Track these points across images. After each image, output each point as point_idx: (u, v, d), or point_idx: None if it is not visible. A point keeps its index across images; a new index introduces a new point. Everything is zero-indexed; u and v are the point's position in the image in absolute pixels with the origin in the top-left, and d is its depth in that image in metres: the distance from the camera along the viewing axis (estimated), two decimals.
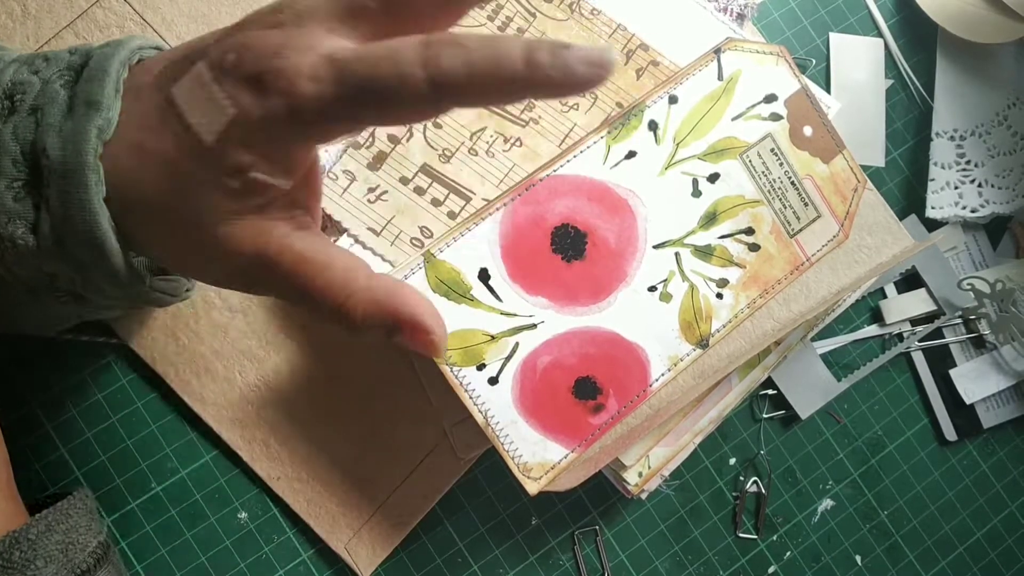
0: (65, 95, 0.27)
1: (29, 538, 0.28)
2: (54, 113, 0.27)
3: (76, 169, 0.26)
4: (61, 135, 0.26)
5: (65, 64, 0.28)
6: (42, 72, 0.28)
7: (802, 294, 0.41)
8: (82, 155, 0.26)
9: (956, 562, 0.46)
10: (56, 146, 0.26)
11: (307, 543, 0.41)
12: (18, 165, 0.27)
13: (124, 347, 0.40)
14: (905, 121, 0.47)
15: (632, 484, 0.40)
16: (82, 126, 0.26)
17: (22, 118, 0.27)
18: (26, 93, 0.27)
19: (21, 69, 0.28)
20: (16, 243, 0.27)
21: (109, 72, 0.27)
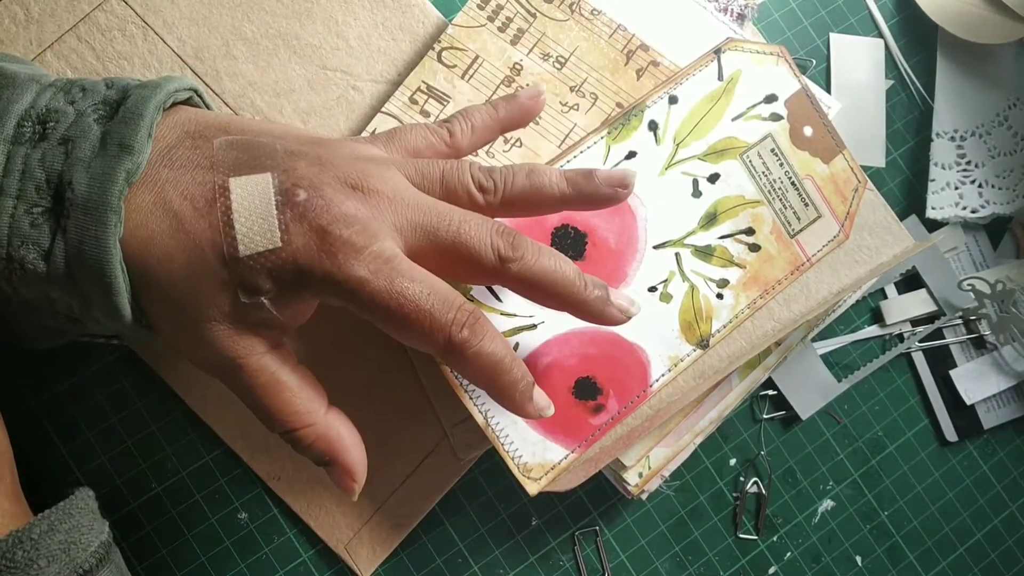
0: (98, 131, 0.28)
1: (32, 537, 0.28)
2: (85, 148, 0.27)
3: (99, 207, 0.27)
4: (89, 172, 0.27)
5: (101, 98, 0.29)
6: (78, 103, 0.29)
7: (802, 294, 0.41)
8: (107, 195, 0.27)
9: (956, 563, 0.46)
10: (83, 182, 0.27)
11: (307, 543, 0.41)
12: (41, 192, 0.27)
13: (124, 347, 0.40)
14: (905, 121, 0.47)
15: (632, 485, 0.40)
16: (112, 167, 0.27)
17: (52, 146, 0.28)
18: (59, 122, 0.28)
19: (57, 96, 0.29)
20: (25, 267, 0.27)
21: (144, 116, 0.28)
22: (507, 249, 0.30)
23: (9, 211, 0.27)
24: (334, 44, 0.41)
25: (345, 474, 0.30)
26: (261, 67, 0.41)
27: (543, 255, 0.31)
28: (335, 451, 0.30)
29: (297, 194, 0.27)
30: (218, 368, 0.29)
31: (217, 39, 0.41)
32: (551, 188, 0.33)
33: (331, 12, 0.41)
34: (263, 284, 0.27)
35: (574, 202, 0.33)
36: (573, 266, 0.32)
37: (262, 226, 0.27)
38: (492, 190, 0.32)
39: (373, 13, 0.42)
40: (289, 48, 0.41)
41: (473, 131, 0.34)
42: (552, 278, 0.31)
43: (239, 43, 0.41)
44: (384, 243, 0.28)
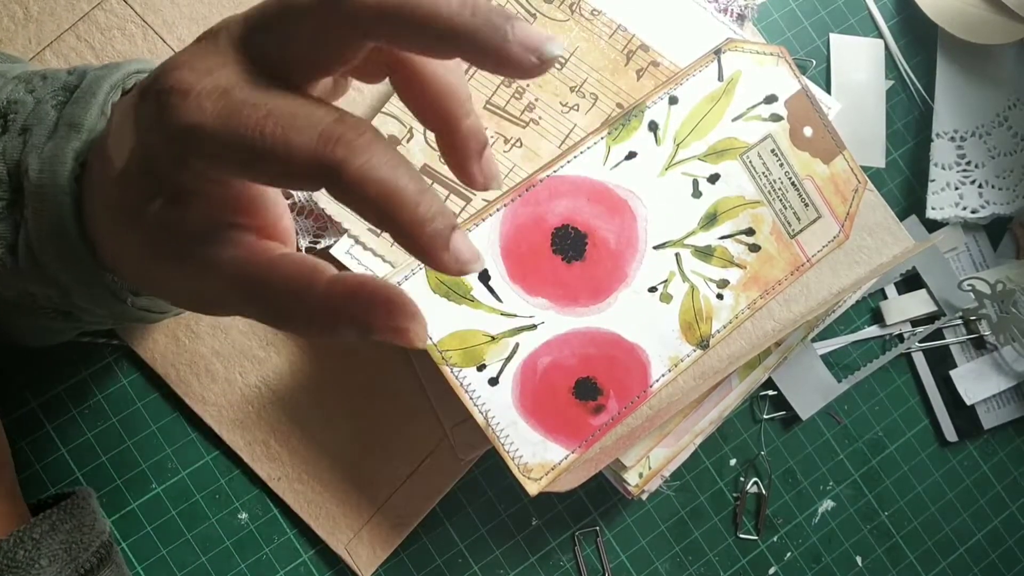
0: (54, 116, 0.27)
1: (33, 537, 0.28)
2: (40, 134, 0.26)
3: (51, 191, 0.25)
4: (41, 157, 0.26)
5: (61, 84, 0.28)
6: (37, 92, 0.28)
7: (802, 295, 0.41)
8: (57, 177, 0.25)
9: (957, 563, 0.46)
10: (35, 167, 0.26)
11: (307, 544, 0.41)
12: (2, 185, 0.26)
13: (125, 348, 0.40)
14: (905, 122, 0.47)
15: (632, 485, 0.40)
16: (61, 148, 0.26)
17: (12, 138, 0.27)
18: (19, 113, 0.27)
19: (18, 87, 0.28)
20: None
21: (97, 94, 0.27)
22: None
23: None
24: None
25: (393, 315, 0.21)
26: None
27: None
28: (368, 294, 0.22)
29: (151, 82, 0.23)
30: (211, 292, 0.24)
31: None
32: None
33: None
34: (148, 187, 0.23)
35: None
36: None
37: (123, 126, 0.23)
38: None
39: None
40: None
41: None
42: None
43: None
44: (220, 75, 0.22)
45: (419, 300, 0.36)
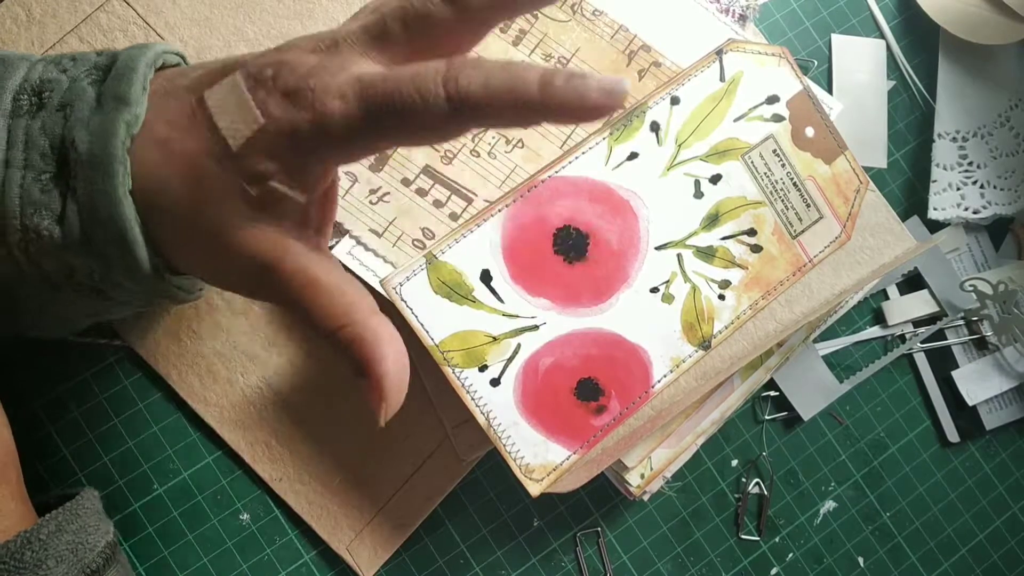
0: (93, 92, 0.28)
1: (40, 538, 0.28)
2: (83, 108, 0.27)
3: (104, 161, 0.26)
4: (89, 129, 0.27)
5: (92, 64, 0.29)
6: (70, 71, 0.29)
7: (804, 295, 0.41)
8: (110, 148, 0.27)
9: (958, 564, 0.46)
10: (85, 139, 0.27)
11: (309, 544, 0.41)
12: (46, 159, 0.27)
13: (126, 348, 0.40)
14: (907, 122, 0.47)
15: (634, 486, 0.40)
16: (111, 120, 0.27)
17: (50, 114, 0.28)
18: (54, 91, 0.28)
19: (49, 67, 0.29)
20: (41, 234, 0.27)
21: (137, 71, 0.28)
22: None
23: (18, 181, 0.27)
24: None
25: (374, 389, 0.27)
26: None
27: None
28: (368, 358, 0.27)
29: (264, 72, 0.26)
30: (253, 281, 0.28)
31: (219, 40, 0.41)
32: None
33: (332, 13, 0.41)
34: (265, 167, 0.26)
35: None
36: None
37: (242, 114, 0.26)
38: None
39: None
40: None
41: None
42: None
43: (241, 44, 0.41)
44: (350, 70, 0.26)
45: (420, 301, 0.36)
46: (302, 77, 0.26)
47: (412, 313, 0.36)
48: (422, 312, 0.36)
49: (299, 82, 0.26)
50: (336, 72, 0.26)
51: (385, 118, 0.26)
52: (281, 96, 0.26)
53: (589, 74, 0.25)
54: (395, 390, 0.28)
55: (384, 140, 0.27)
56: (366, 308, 0.28)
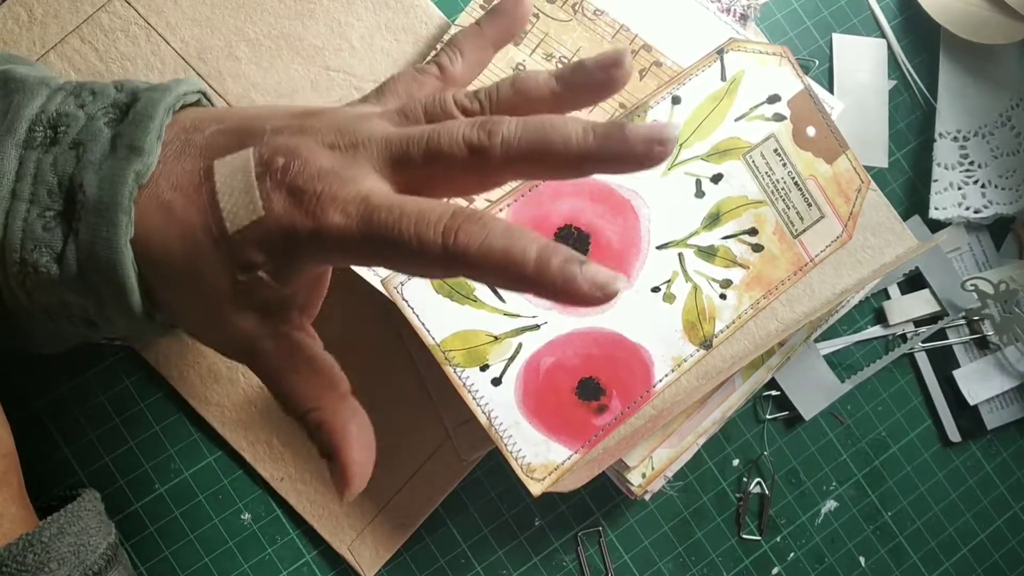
0: (108, 134, 0.28)
1: (42, 541, 0.28)
2: (95, 151, 0.28)
3: (110, 208, 0.27)
4: (99, 174, 0.27)
5: (111, 101, 0.29)
6: (88, 107, 0.29)
7: (805, 295, 0.41)
8: (117, 196, 0.27)
9: (960, 564, 0.46)
10: (93, 183, 0.27)
11: (310, 544, 0.41)
12: (53, 196, 0.27)
13: (127, 348, 0.40)
14: (908, 122, 0.47)
15: (635, 485, 0.40)
16: (121, 168, 0.27)
17: (63, 151, 0.28)
18: (70, 127, 0.28)
19: (68, 100, 0.29)
20: (39, 270, 0.27)
21: (154, 118, 0.28)
22: (479, 134, 0.27)
23: (22, 215, 0.27)
24: (337, 45, 0.41)
25: (340, 473, 0.28)
26: (264, 68, 0.41)
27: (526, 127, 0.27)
28: (336, 444, 0.28)
29: (275, 162, 0.27)
30: (236, 352, 0.29)
31: (220, 40, 0.41)
32: (539, 89, 0.30)
33: (334, 13, 0.41)
34: (256, 258, 0.27)
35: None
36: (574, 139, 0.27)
37: (244, 199, 0.26)
38: (477, 110, 0.30)
39: (376, 14, 0.42)
40: (292, 49, 0.41)
41: (463, 57, 0.32)
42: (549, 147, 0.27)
43: (242, 44, 0.41)
44: (359, 185, 0.27)
45: (422, 301, 0.36)
46: (311, 179, 0.26)
47: (413, 313, 0.36)
48: (423, 312, 0.36)
49: (307, 184, 0.26)
50: (346, 182, 0.27)
51: (380, 246, 0.26)
52: (286, 192, 0.26)
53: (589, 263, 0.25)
54: (359, 476, 0.29)
55: (375, 262, 0.28)
56: (336, 394, 0.29)
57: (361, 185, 0.26)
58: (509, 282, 0.25)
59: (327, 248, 0.26)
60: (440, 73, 0.32)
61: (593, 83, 0.30)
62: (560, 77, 0.30)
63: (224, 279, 0.27)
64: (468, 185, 0.29)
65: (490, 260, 0.25)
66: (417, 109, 0.30)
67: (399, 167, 0.27)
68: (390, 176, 0.28)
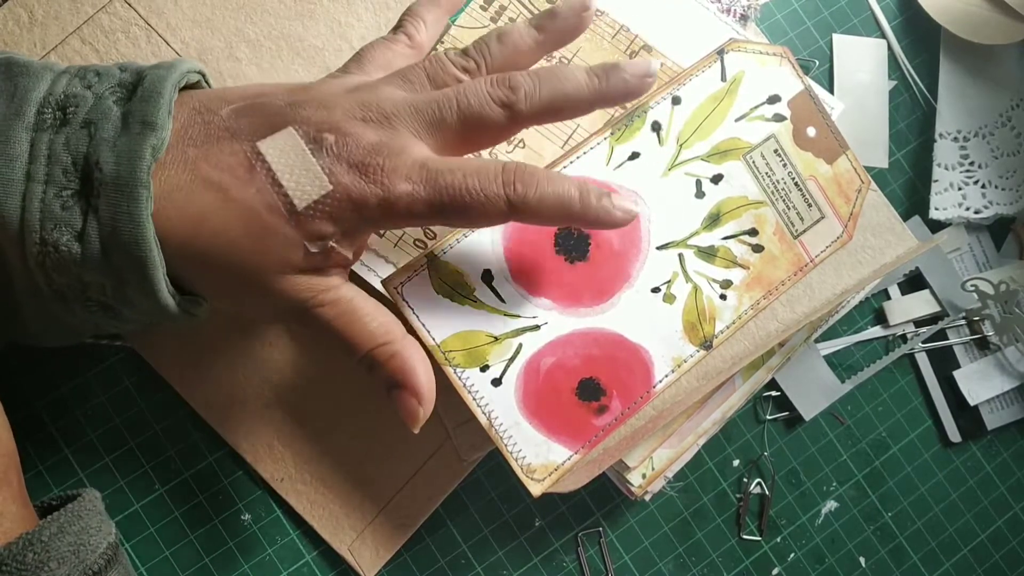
0: (118, 112, 0.29)
1: (42, 540, 0.28)
2: (108, 129, 0.28)
3: (129, 184, 0.27)
4: (115, 151, 0.28)
5: (117, 81, 0.30)
6: (95, 87, 0.29)
7: (806, 295, 0.41)
8: (136, 172, 0.27)
9: (960, 564, 0.46)
10: (110, 160, 0.27)
11: (310, 544, 0.41)
12: (68, 175, 0.28)
13: (128, 349, 0.40)
14: (908, 122, 0.47)
15: (636, 486, 0.40)
16: (137, 144, 0.28)
17: (75, 130, 0.28)
18: (79, 107, 0.29)
19: (73, 82, 0.29)
20: (60, 249, 0.27)
21: (163, 94, 0.29)
22: (505, 92, 0.31)
23: (39, 195, 0.27)
24: (337, 46, 0.41)
25: (412, 396, 0.31)
26: (264, 69, 0.41)
27: (542, 80, 0.31)
28: (406, 371, 0.31)
29: (325, 139, 0.28)
30: (291, 314, 0.30)
31: (220, 41, 0.41)
32: (524, 40, 0.33)
33: (334, 14, 0.41)
34: (327, 229, 0.29)
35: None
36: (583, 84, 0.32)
37: (308, 176, 0.28)
38: (475, 67, 0.33)
39: (376, 15, 0.42)
40: (292, 50, 0.41)
41: (425, 24, 0.35)
42: (564, 95, 0.32)
43: (242, 45, 0.41)
44: (412, 153, 0.29)
45: (422, 301, 0.36)
46: (368, 152, 0.29)
47: (413, 313, 0.36)
48: (423, 312, 0.36)
49: (366, 157, 0.29)
50: (399, 152, 0.29)
51: (447, 206, 0.29)
52: (347, 166, 0.28)
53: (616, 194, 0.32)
54: (429, 398, 0.31)
55: (439, 222, 0.30)
56: (400, 329, 0.31)
57: (414, 152, 0.29)
58: (559, 220, 0.31)
59: (396, 214, 0.29)
60: (410, 41, 0.35)
61: (568, 27, 0.34)
62: (539, 27, 0.34)
63: (295, 252, 0.29)
64: (496, 138, 0.32)
65: (545, 203, 0.30)
66: (419, 74, 0.32)
67: (435, 130, 0.30)
68: (429, 140, 0.30)
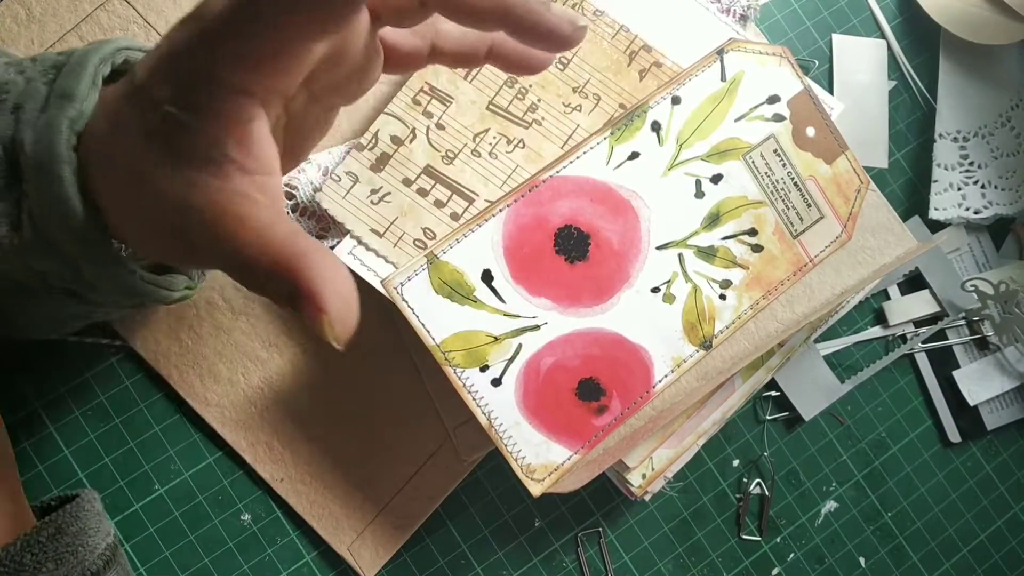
0: (45, 91, 0.27)
1: (40, 541, 0.28)
2: (32, 109, 0.27)
3: (49, 161, 0.26)
4: (35, 129, 0.26)
5: (51, 63, 0.28)
6: (27, 72, 0.28)
7: (805, 295, 0.41)
8: (54, 147, 0.26)
9: (960, 564, 0.46)
10: (30, 140, 0.26)
11: (310, 545, 0.41)
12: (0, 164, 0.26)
13: (127, 349, 0.40)
14: (908, 122, 0.47)
15: (636, 486, 0.40)
16: (55, 118, 0.26)
17: (3, 116, 0.27)
18: (10, 92, 0.27)
19: (8, 69, 0.28)
20: (0, 242, 0.26)
21: (86, 66, 0.27)
22: None
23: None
24: None
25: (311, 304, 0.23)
26: None
27: None
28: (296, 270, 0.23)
29: None
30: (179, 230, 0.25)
31: None
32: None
33: None
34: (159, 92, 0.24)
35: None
36: None
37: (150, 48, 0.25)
38: None
39: None
40: None
41: None
42: None
43: None
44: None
45: (422, 301, 0.36)
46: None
47: (413, 313, 0.36)
48: (423, 312, 0.36)
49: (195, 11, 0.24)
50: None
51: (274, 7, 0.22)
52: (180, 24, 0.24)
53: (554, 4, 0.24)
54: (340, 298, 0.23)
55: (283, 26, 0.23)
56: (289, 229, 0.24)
57: None
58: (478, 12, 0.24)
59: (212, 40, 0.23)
60: None
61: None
62: None
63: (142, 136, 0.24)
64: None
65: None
66: None
67: None
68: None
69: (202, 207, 0.24)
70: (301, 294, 0.23)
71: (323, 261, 0.24)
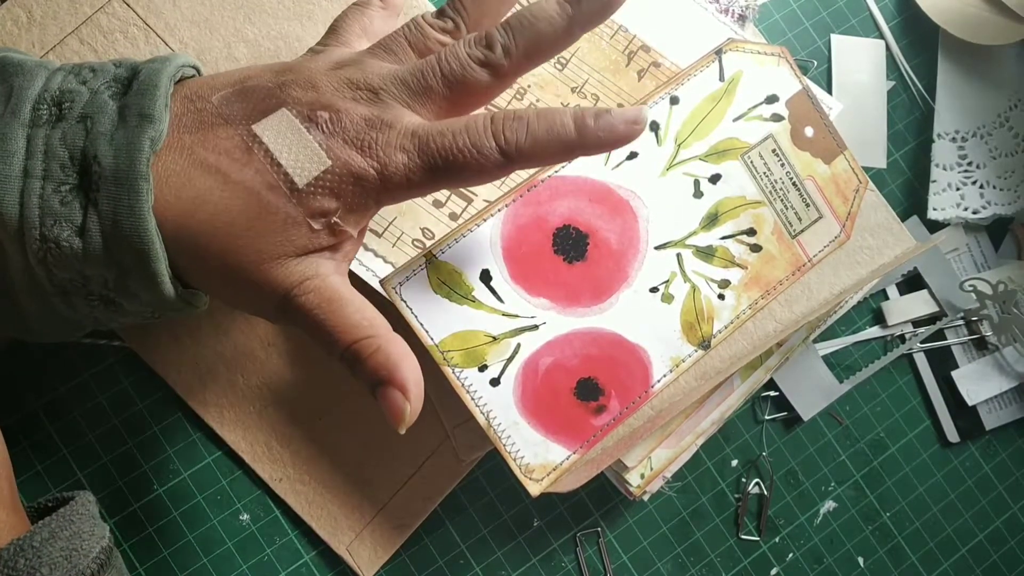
0: (114, 106, 0.29)
1: (33, 545, 0.28)
2: (104, 123, 0.28)
3: (129, 177, 0.27)
4: (113, 144, 0.28)
5: (112, 76, 0.30)
6: (90, 83, 0.29)
7: (804, 295, 0.41)
8: (136, 164, 0.27)
9: (959, 564, 0.46)
10: (108, 154, 0.28)
11: (309, 545, 0.41)
12: (66, 170, 0.28)
13: (126, 349, 0.40)
14: (907, 122, 0.47)
15: (634, 486, 0.40)
16: (136, 137, 0.28)
17: (71, 125, 0.28)
18: (74, 102, 0.29)
19: (68, 78, 0.29)
20: (60, 245, 0.27)
21: (159, 87, 0.29)
22: (482, 51, 0.30)
23: (37, 191, 0.27)
24: None
25: (398, 392, 0.29)
26: None
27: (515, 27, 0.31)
28: (391, 366, 0.29)
29: (319, 116, 0.29)
30: (276, 303, 0.30)
31: (219, 41, 0.41)
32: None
33: (332, 13, 0.41)
34: (329, 204, 0.29)
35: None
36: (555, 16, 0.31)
37: (306, 153, 0.29)
38: (453, 27, 0.32)
39: None
40: (291, 50, 0.41)
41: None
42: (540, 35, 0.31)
43: (241, 45, 0.41)
44: (404, 123, 0.29)
45: (420, 301, 0.36)
46: (362, 128, 0.29)
47: (412, 313, 0.36)
48: (421, 312, 0.36)
49: (360, 133, 0.29)
50: (391, 124, 0.29)
51: (443, 170, 0.29)
52: (342, 141, 0.29)
53: (613, 109, 0.30)
54: (417, 395, 0.29)
55: (438, 187, 0.30)
56: (386, 323, 0.30)
57: (405, 122, 0.30)
58: (562, 155, 0.30)
59: (395, 185, 0.29)
60: (383, 4, 0.35)
61: None
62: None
63: (298, 231, 0.29)
64: (487, 95, 0.32)
65: (540, 143, 0.29)
66: (401, 43, 0.32)
67: (424, 99, 0.30)
68: (419, 109, 0.30)
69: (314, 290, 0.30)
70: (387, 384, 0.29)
71: (402, 350, 0.30)
